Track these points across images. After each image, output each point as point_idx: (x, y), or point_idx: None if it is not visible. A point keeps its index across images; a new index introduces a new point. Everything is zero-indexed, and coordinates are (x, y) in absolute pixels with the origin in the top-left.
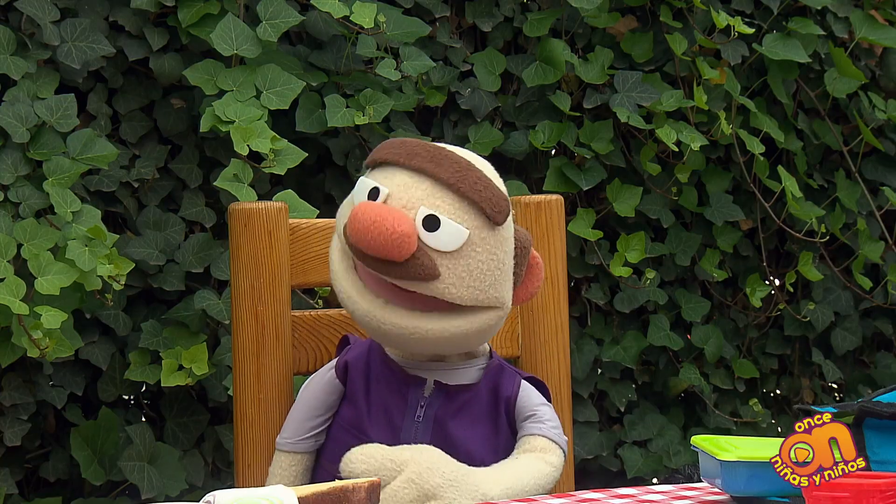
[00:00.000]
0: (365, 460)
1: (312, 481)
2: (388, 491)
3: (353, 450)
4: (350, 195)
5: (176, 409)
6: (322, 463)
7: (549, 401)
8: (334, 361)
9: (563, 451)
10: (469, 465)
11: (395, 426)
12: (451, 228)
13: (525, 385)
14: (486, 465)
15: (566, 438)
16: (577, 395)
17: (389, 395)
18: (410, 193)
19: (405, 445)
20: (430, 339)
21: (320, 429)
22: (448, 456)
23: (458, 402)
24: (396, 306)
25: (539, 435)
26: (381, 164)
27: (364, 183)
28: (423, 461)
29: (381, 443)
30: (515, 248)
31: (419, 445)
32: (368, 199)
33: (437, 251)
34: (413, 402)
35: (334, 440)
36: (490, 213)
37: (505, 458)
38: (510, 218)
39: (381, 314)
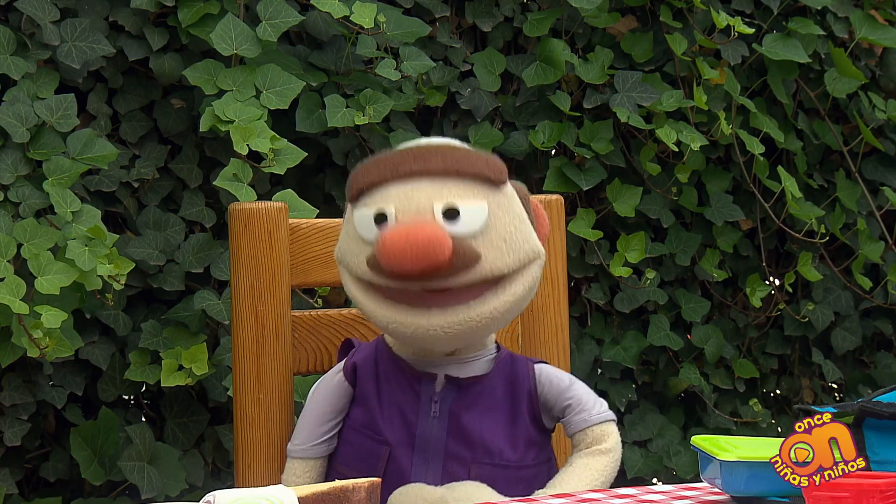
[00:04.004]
0: (402, 500)
1: None
2: None
3: (395, 492)
4: (346, 233)
5: (176, 409)
6: (336, 467)
7: None
8: (341, 364)
9: (613, 421)
10: (486, 456)
11: (410, 423)
12: (470, 209)
13: (539, 369)
14: (505, 455)
15: (605, 403)
16: None
17: (401, 394)
18: (416, 199)
19: (449, 484)
20: (493, 319)
21: (332, 433)
22: (484, 491)
23: (471, 394)
24: (447, 308)
25: (587, 427)
26: (365, 190)
27: (363, 215)
28: (452, 499)
29: (397, 441)
30: (519, 197)
31: (459, 483)
32: (377, 226)
33: (469, 236)
34: (426, 398)
35: (348, 443)
36: (493, 177)
37: (525, 448)
38: None
39: (438, 321)
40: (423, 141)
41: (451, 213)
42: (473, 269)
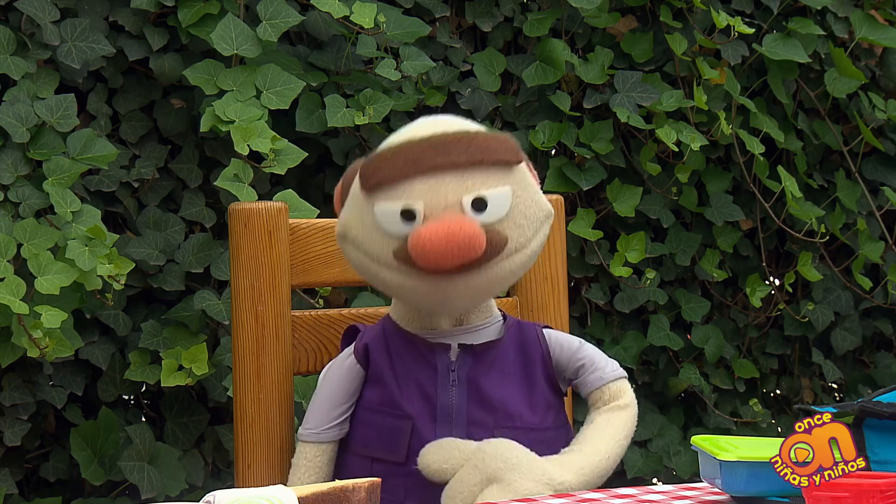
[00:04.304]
0: (436, 451)
1: (343, 471)
2: (456, 478)
3: (428, 444)
4: (359, 219)
5: (176, 409)
6: (354, 449)
7: None
8: (351, 348)
9: (626, 378)
10: (508, 420)
11: (429, 395)
12: (497, 197)
13: (547, 332)
14: (525, 419)
15: (616, 362)
16: (577, 395)
17: (417, 368)
18: (443, 194)
19: (483, 440)
20: (514, 274)
21: (344, 417)
22: (518, 445)
23: (486, 359)
24: (469, 274)
25: (604, 385)
26: (385, 183)
27: (386, 210)
28: (487, 449)
29: (418, 414)
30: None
31: (492, 439)
32: (404, 221)
33: (496, 223)
34: (442, 368)
35: (366, 425)
36: (511, 159)
37: (544, 412)
38: None
39: (457, 285)
40: (431, 120)
41: (479, 204)
42: (502, 252)
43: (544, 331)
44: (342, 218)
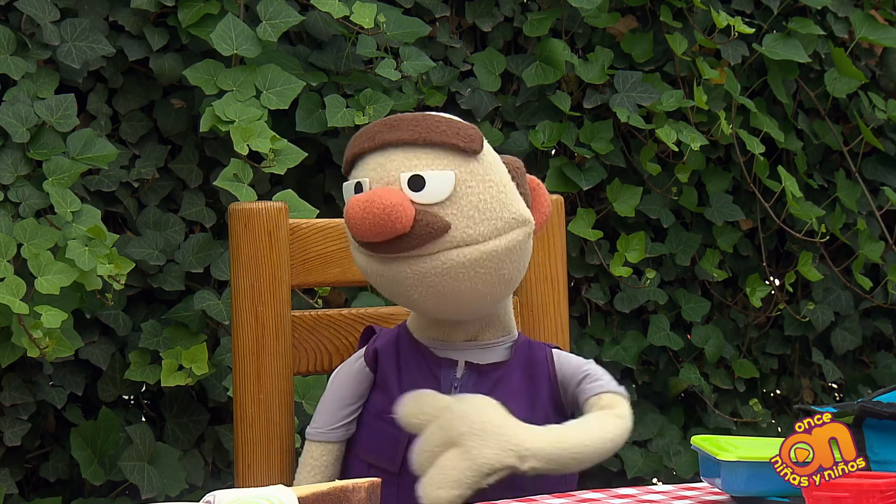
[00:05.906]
0: (412, 403)
1: (345, 472)
2: (423, 435)
3: (409, 393)
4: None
5: (176, 409)
6: (356, 452)
7: None
8: (362, 350)
9: (626, 395)
10: None
11: None
12: (435, 177)
13: (556, 352)
14: None
15: (623, 387)
16: None
17: (422, 380)
18: (386, 169)
19: (460, 395)
20: (468, 270)
21: (352, 418)
22: (494, 405)
23: (490, 380)
24: (412, 259)
25: (601, 393)
26: (352, 161)
27: (347, 186)
28: (457, 409)
29: None
30: (508, 170)
31: (467, 395)
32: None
33: (435, 204)
34: (446, 383)
35: (368, 428)
36: (464, 145)
37: None
38: (487, 144)
39: (412, 274)
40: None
41: (417, 182)
42: (441, 238)
43: (553, 351)
44: None
